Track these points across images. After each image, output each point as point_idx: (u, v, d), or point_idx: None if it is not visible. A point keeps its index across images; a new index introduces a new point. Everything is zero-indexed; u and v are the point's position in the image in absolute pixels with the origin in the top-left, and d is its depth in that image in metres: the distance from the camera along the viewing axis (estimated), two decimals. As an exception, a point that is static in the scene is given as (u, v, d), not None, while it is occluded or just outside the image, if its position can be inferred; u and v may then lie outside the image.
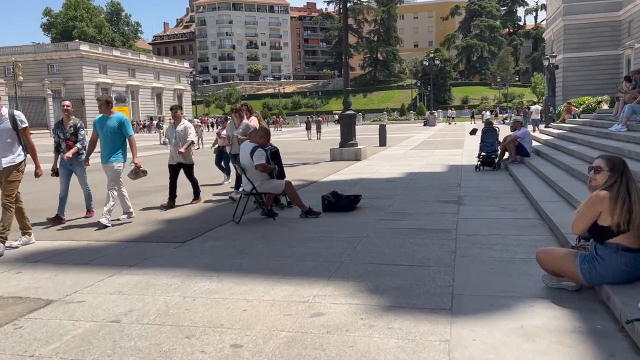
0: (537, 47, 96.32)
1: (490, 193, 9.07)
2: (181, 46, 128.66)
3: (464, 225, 6.53)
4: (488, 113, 51.74)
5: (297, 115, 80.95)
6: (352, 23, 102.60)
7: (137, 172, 7.64)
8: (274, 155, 7.83)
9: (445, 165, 14.00)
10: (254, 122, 9.38)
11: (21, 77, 51.68)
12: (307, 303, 3.99)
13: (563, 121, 22.22)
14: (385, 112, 76.62)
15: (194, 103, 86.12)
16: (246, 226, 7.01)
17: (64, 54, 63.82)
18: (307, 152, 22.09)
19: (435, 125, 50.41)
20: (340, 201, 7.84)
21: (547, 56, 37.84)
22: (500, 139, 13.06)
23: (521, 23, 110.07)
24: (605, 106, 20.28)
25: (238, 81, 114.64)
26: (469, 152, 17.30)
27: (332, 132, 37.57)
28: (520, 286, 4.20)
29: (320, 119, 41.02)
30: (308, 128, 37.48)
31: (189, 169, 9.06)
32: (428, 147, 21.47)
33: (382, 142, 24.00)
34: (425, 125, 52.59)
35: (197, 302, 4.10)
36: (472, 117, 57.24)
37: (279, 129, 58.73)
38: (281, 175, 7.82)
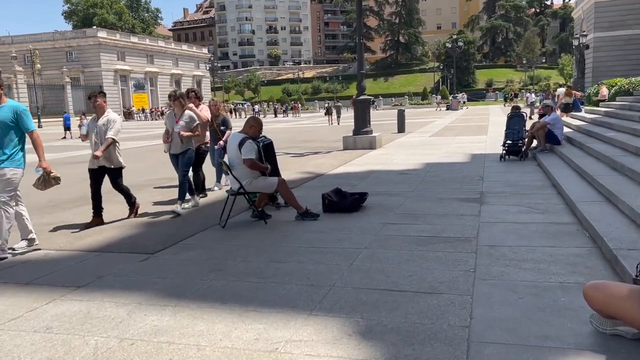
0: (565, 27, 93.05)
1: (517, 188, 7.95)
2: (201, 32, 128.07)
3: (486, 232, 5.48)
4: (532, 96, 38.10)
5: (316, 101, 79.73)
6: (373, 5, 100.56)
7: (47, 180, 5.77)
8: (267, 148, 6.80)
9: (467, 154, 12.84)
10: (204, 112, 8.20)
11: (38, 65, 51.61)
12: (274, 354, 3.02)
13: (568, 106, 20.68)
14: (406, 97, 74.93)
15: (213, 89, 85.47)
16: (231, 231, 6.07)
17: (82, 41, 63.63)
18: (320, 139, 21.06)
19: (458, 110, 48.76)
20: (343, 201, 6.83)
21: (577, 35, 35.95)
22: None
23: (548, 2, 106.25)
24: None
25: (258, 67, 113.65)
26: (493, 139, 16.07)
27: (352, 118, 36.22)
28: (560, 329, 3.16)
29: (340, 104, 39.83)
30: (329, 113, 36.73)
31: (114, 175, 6.77)
32: (449, 134, 20.23)
33: (401, 128, 22.85)
34: (447, 109, 51.01)
35: (134, 349, 3.16)
36: (506, 100, 54.56)
37: (297, 115, 57.67)
38: (275, 172, 6.80)
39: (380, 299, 3.75)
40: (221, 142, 8.80)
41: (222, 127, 8.98)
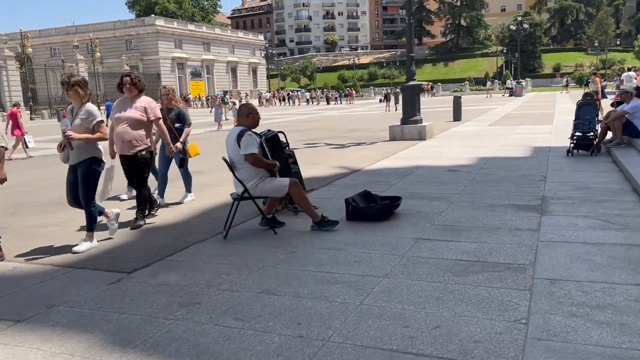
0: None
1: (587, 193, 6.55)
2: (259, 19, 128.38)
3: (547, 257, 4.22)
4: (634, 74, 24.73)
5: (371, 88, 77.91)
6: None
7: None
8: (272, 142, 5.64)
9: (529, 147, 11.32)
10: (140, 103, 5.78)
11: (98, 54, 52.79)
12: None
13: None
14: (466, 82, 71.86)
15: (269, 77, 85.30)
16: (231, 244, 5.09)
17: (141, 30, 64.70)
18: (368, 128, 19.82)
19: (522, 96, 45.96)
20: (370, 208, 5.70)
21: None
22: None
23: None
24: None
25: (314, 53, 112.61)
26: (559, 129, 14.35)
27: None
28: None
29: (398, 90, 38.25)
30: (387, 99, 35.99)
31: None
32: (510, 123, 18.49)
33: (457, 116, 21.25)
34: (510, 95, 48.25)
35: None
36: (566, 86, 50.71)
37: (351, 102, 56.34)
38: (285, 170, 5.70)
39: (387, 370, 2.65)
40: (179, 145, 6.76)
41: (177, 125, 6.92)
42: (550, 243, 4.61)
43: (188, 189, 7.44)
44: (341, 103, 56.39)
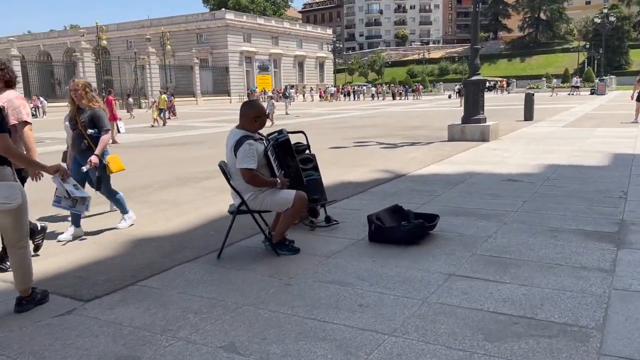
0: None
1: (682, 218, 5.18)
2: (329, 13, 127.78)
3: (623, 318, 3.06)
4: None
5: (441, 83, 75.31)
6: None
7: None
8: (281, 149, 4.54)
9: (608, 153, 9.77)
10: (17, 107, 4.33)
11: (169, 47, 53.97)
12: None
13: None
14: (544, 79, 67.85)
15: (336, 72, 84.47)
16: (221, 267, 4.22)
17: (211, 23, 65.59)
18: (428, 126, 18.51)
19: (605, 94, 42.55)
20: (397, 229, 4.65)
21: None
22: None
23: None
24: None
25: (384, 47, 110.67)
26: (646, 133, 12.55)
27: (489, 100, 32.39)
28: None
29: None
30: (461, 95, 34.35)
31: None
32: (588, 124, 16.60)
33: (528, 115, 19.50)
34: (592, 94, 44.81)
35: None
36: None
37: (417, 97, 54.50)
38: (297, 181, 4.70)
39: None
40: (93, 160, 5.12)
41: (90, 131, 5.20)
42: (628, 293, 3.42)
43: (123, 210, 5.63)
44: (407, 99, 54.68)
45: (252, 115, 4.29)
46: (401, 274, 3.91)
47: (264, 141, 4.42)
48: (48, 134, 20.12)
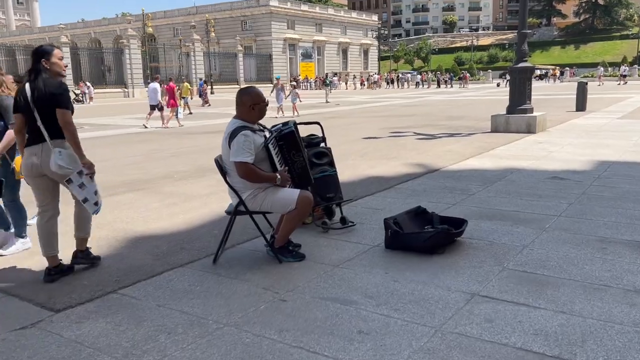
0: None
1: None
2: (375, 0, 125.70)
3: (688, 366, 2.41)
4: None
5: (489, 71, 72.85)
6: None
7: None
8: (285, 141, 3.95)
9: (669, 149, 8.80)
10: None
11: (213, 34, 54.15)
12: None
13: None
14: (600, 67, 64.54)
15: (381, 59, 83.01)
16: (214, 275, 3.76)
17: (256, 10, 65.47)
18: (472, 116, 17.59)
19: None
20: (417, 236, 4.07)
21: None
22: None
23: None
24: None
25: (431, 34, 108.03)
26: None
27: (539, 89, 30.66)
28: None
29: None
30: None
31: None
32: (647, 115, 15.36)
33: (580, 105, 18.25)
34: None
35: None
36: None
37: (464, 86, 52.80)
38: (303, 179, 4.15)
39: None
40: None
41: None
42: (695, 330, 2.75)
43: (18, 231, 4.45)
44: (452, 87, 53.06)
45: (249, 103, 3.78)
46: (415, 291, 3.35)
47: (266, 132, 3.92)
48: (90, 119, 20.30)
